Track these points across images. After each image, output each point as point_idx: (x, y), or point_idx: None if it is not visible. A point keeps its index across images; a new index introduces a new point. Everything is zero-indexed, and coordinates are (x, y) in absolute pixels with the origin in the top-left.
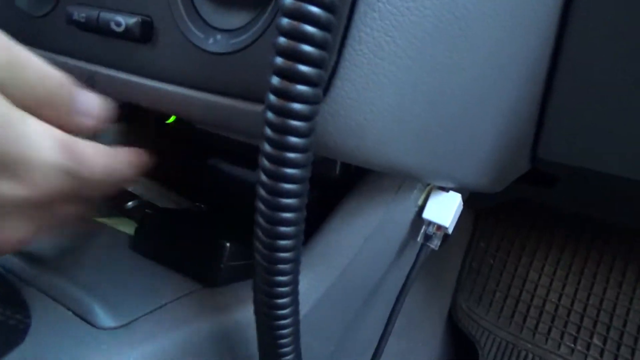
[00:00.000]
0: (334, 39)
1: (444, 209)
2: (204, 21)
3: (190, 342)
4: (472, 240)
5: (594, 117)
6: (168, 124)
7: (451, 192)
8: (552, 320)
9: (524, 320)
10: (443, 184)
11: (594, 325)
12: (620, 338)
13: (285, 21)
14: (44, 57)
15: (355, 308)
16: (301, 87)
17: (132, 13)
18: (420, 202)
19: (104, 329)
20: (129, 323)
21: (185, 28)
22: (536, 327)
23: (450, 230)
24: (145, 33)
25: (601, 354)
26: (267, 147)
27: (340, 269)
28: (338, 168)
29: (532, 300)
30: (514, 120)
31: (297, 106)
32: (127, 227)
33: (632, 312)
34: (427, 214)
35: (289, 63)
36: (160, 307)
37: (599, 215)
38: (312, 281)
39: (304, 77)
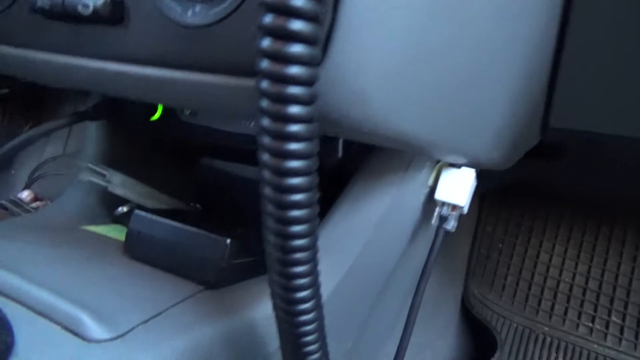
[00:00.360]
0: None
1: (458, 187)
2: None
3: (195, 349)
4: (479, 225)
5: (609, 78)
6: (152, 121)
7: (463, 168)
8: (568, 301)
9: (539, 303)
10: (454, 160)
11: (611, 302)
12: (639, 313)
13: None
14: (11, 53)
15: (370, 299)
16: (297, 47)
17: None
18: (430, 182)
19: (97, 341)
20: (125, 334)
21: (160, 2)
22: (552, 309)
23: (466, 210)
24: (115, 13)
25: (621, 331)
26: (266, 122)
27: (351, 259)
28: (340, 149)
29: (545, 282)
30: (525, 86)
31: (294, 69)
32: (119, 234)
33: None
34: (439, 195)
35: (280, 19)
36: (159, 313)
37: (605, 190)
38: (323, 274)
39: (299, 34)
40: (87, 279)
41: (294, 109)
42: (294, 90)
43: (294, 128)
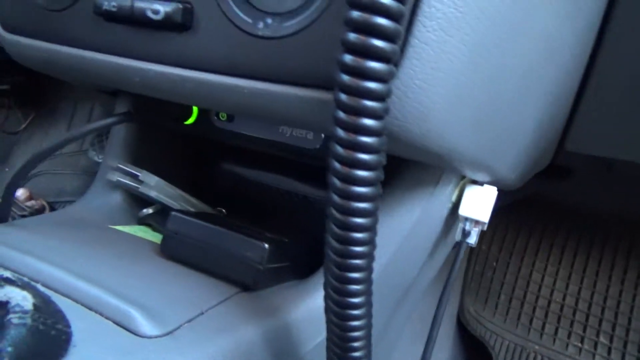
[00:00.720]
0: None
1: (481, 204)
2: (251, 4)
3: (238, 348)
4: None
5: (627, 109)
6: (186, 124)
7: (486, 186)
8: (558, 321)
9: (531, 322)
10: (481, 177)
11: (600, 324)
12: (626, 335)
13: None
14: (65, 53)
15: (388, 311)
16: (376, 64)
17: (165, 0)
18: (454, 198)
19: (149, 337)
20: (173, 331)
21: (230, 13)
22: (543, 328)
23: (486, 226)
24: (186, 20)
25: (609, 352)
26: (339, 132)
27: (378, 270)
28: None
29: (536, 301)
30: (551, 113)
31: (372, 85)
32: (146, 235)
33: (635, 309)
34: (464, 211)
35: (363, 38)
36: (202, 313)
37: (600, 210)
38: None
39: (380, 52)
40: (129, 276)
41: (368, 122)
42: (370, 104)
43: (367, 140)
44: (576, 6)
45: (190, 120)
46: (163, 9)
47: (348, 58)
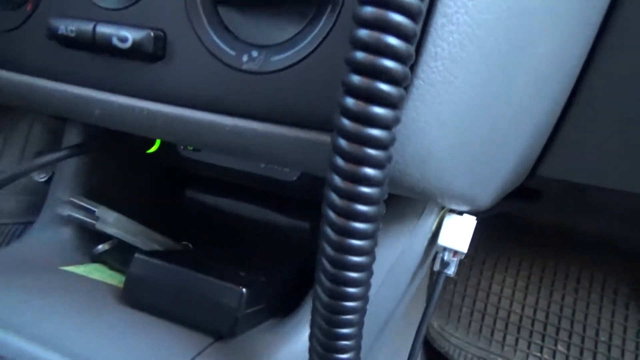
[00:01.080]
0: None
1: (460, 233)
2: (233, 35)
3: None
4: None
5: (611, 136)
6: (148, 154)
7: (466, 216)
8: (518, 331)
9: (492, 334)
10: (463, 208)
11: (557, 333)
12: (582, 342)
13: (364, 33)
14: (14, 80)
15: (368, 344)
16: (382, 110)
17: (134, 26)
18: (434, 227)
19: None
20: None
21: (210, 44)
22: (504, 339)
23: (463, 255)
24: (157, 49)
25: (566, 359)
26: (337, 180)
27: None
28: None
29: (497, 312)
30: (534, 140)
31: (377, 132)
32: (102, 275)
33: (589, 317)
34: (443, 240)
35: (368, 80)
36: None
37: (554, 225)
38: None
39: (387, 97)
40: (89, 333)
41: (369, 172)
42: (374, 152)
43: (367, 190)
44: (567, 43)
45: (153, 149)
46: (131, 36)
47: (351, 102)
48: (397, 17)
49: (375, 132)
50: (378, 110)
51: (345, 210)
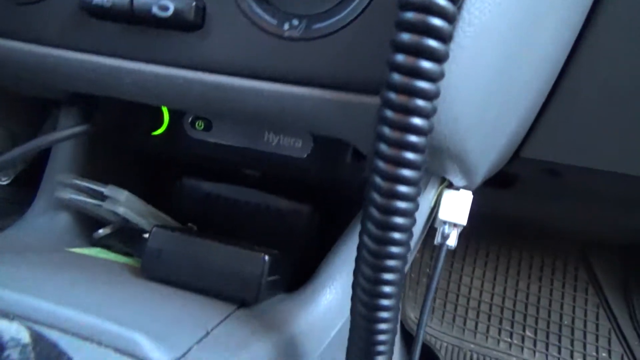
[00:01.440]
0: None
1: (459, 207)
2: (274, 6)
3: None
4: None
5: (596, 118)
6: (154, 136)
7: (462, 190)
8: (489, 319)
9: (464, 323)
10: (462, 180)
11: (524, 319)
12: (547, 327)
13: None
14: (37, 53)
15: None
16: (430, 64)
17: None
18: (432, 203)
19: None
20: (185, 354)
21: (251, 13)
22: (476, 327)
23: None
24: (198, 18)
25: (534, 344)
26: (386, 131)
27: None
28: (349, 156)
29: (468, 303)
30: (526, 118)
31: (424, 84)
32: (108, 257)
33: (553, 302)
34: (443, 215)
35: (417, 38)
36: (208, 333)
37: (519, 217)
38: (346, 294)
39: (434, 52)
40: (115, 301)
41: (418, 121)
42: (422, 103)
43: (415, 139)
44: (560, 29)
45: (160, 131)
46: (173, 4)
47: (401, 58)
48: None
49: (424, 84)
50: (426, 64)
51: (394, 157)
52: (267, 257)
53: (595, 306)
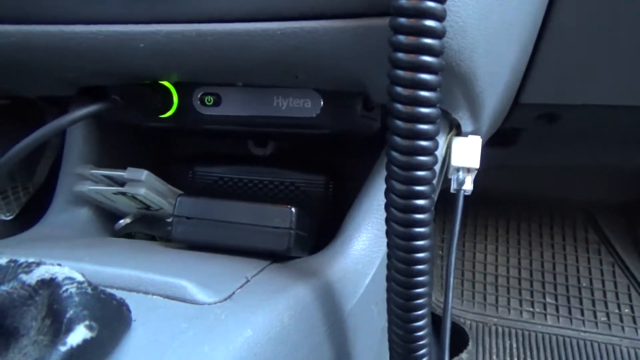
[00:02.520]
0: None
1: (469, 152)
2: None
3: (296, 305)
4: None
5: (585, 54)
6: (164, 118)
7: (470, 136)
8: (508, 292)
9: (485, 299)
10: (468, 124)
11: (543, 286)
12: (567, 291)
13: None
14: (49, 32)
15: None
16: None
17: None
18: (443, 152)
19: (209, 304)
20: (230, 296)
21: None
22: (496, 301)
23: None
24: None
25: (557, 309)
26: (400, 38)
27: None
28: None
29: (485, 278)
30: (519, 61)
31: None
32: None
33: (568, 267)
34: (455, 161)
35: None
36: (248, 280)
37: (523, 193)
38: (373, 243)
39: None
40: (155, 262)
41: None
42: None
43: (431, 26)
44: None
45: (170, 113)
46: None
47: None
48: None
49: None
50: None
51: (411, 81)
52: (293, 209)
53: (610, 265)
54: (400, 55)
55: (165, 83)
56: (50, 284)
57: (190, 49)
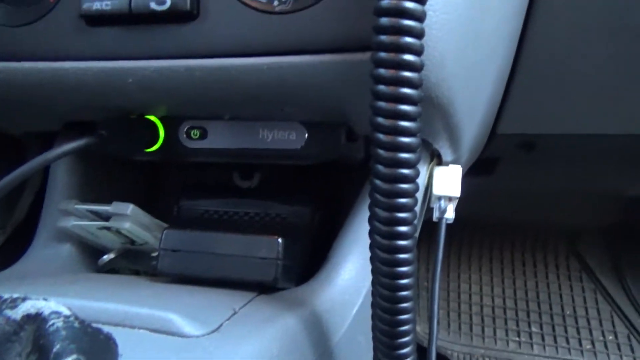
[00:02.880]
0: None
1: (451, 180)
2: None
3: (284, 336)
4: None
5: (555, 89)
6: (150, 152)
7: (451, 165)
8: (494, 322)
9: (471, 329)
10: (449, 154)
11: (528, 315)
12: (551, 320)
13: None
14: (41, 68)
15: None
16: (413, 4)
17: None
18: (425, 181)
19: (196, 337)
20: (218, 328)
21: None
22: (483, 332)
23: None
24: (193, 8)
25: (542, 338)
26: (382, 72)
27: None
28: (363, 150)
29: (471, 309)
30: (495, 91)
31: (411, 22)
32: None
33: (552, 295)
34: (437, 190)
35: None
36: (235, 312)
37: (505, 221)
38: (360, 273)
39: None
40: (142, 295)
41: (410, 57)
42: (410, 39)
43: (409, 74)
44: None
45: (156, 147)
46: None
47: (385, 2)
48: None
49: (410, 22)
50: (409, 3)
51: (391, 111)
52: (280, 240)
53: (592, 292)
54: (382, 87)
55: (152, 117)
56: (36, 319)
57: (179, 84)
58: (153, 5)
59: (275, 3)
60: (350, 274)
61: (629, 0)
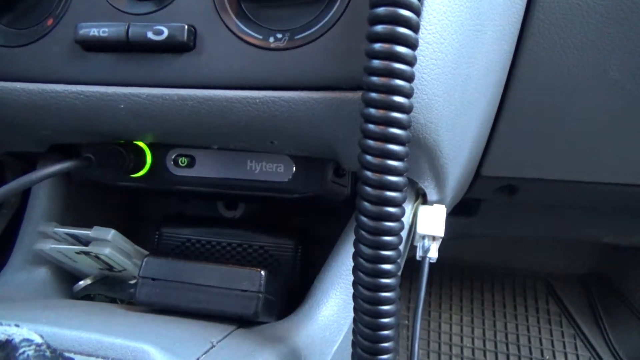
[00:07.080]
0: None
1: (434, 220)
2: (258, 24)
3: None
4: None
5: (537, 135)
6: (136, 177)
7: (435, 205)
8: None
9: None
10: (433, 193)
11: (507, 358)
12: None
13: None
14: (33, 90)
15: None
16: (404, 49)
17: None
18: (410, 220)
19: None
20: None
21: (239, 31)
22: None
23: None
24: (190, 40)
25: None
26: (371, 111)
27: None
28: (349, 186)
29: (451, 350)
30: (480, 135)
31: (402, 66)
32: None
33: (532, 338)
34: (421, 229)
35: (388, 46)
36: (213, 346)
37: (487, 263)
38: (341, 309)
39: (406, 38)
40: (118, 324)
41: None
42: (401, 83)
43: (399, 115)
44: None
45: (142, 172)
46: (167, 29)
47: (378, 45)
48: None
49: (401, 66)
50: (401, 48)
51: (382, 134)
52: (263, 272)
53: (571, 337)
54: (372, 126)
55: (140, 143)
56: (6, 346)
57: (170, 112)
58: (150, 35)
59: (271, 40)
60: (331, 310)
61: (610, 52)
